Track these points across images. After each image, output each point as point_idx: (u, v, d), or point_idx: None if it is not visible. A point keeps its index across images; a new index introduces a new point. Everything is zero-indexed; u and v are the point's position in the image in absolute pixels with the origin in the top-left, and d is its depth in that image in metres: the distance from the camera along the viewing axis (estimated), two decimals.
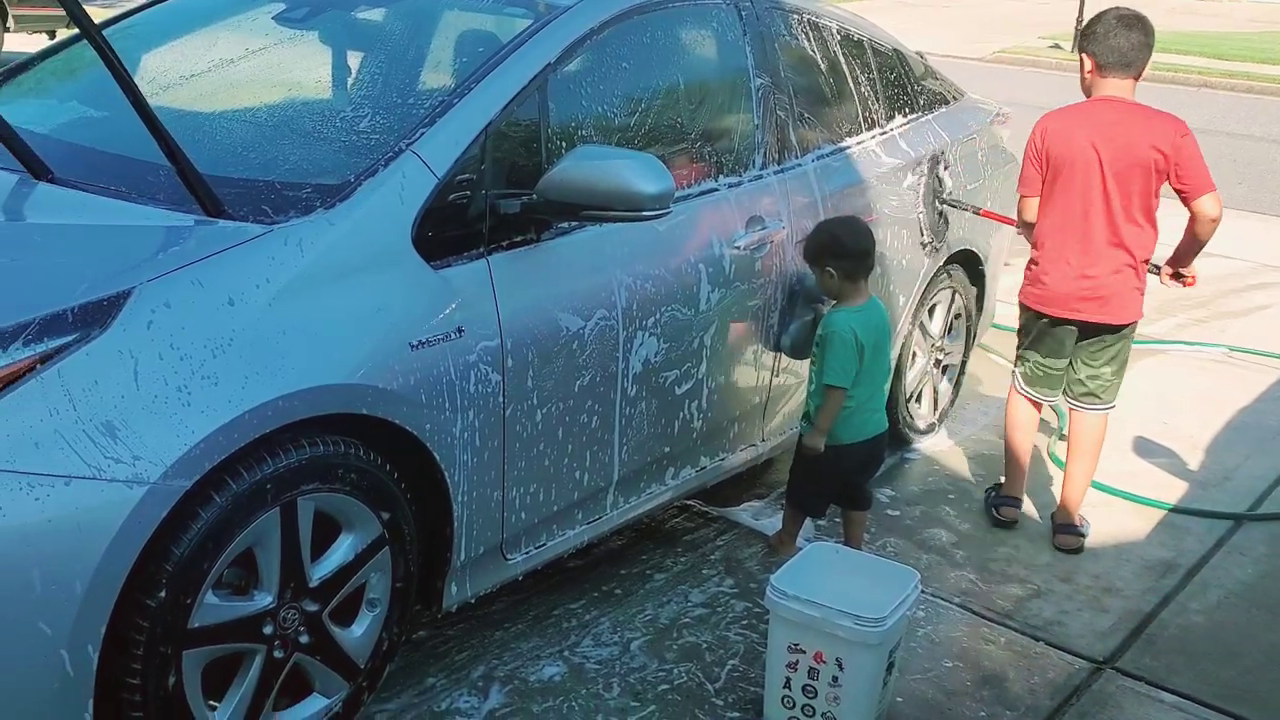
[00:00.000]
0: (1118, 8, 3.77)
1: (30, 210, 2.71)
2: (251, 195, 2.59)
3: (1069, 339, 3.89)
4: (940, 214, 4.40)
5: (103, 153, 2.91)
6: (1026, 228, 3.93)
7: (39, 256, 2.42)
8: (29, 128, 2.82)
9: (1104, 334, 3.83)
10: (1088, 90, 3.79)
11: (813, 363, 3.55)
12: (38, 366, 2.08)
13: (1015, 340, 4.10)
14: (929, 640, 3.38)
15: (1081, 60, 3.79)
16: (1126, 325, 3.83)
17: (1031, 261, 3.90)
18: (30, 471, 2.02)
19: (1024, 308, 3.96)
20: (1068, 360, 3.94)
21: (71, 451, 2.06)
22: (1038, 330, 3.93)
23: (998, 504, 4.13)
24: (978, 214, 4.52)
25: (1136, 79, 3.72)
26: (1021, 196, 3.89)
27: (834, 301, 3.55)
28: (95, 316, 2.17)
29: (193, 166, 2.49)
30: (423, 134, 2.71)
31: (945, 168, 4.45)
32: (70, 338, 2.13)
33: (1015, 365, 4.08)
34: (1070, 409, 4.02)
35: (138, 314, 2.21)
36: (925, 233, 4.32)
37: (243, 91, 3.43)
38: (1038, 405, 4.07)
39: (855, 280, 3.51)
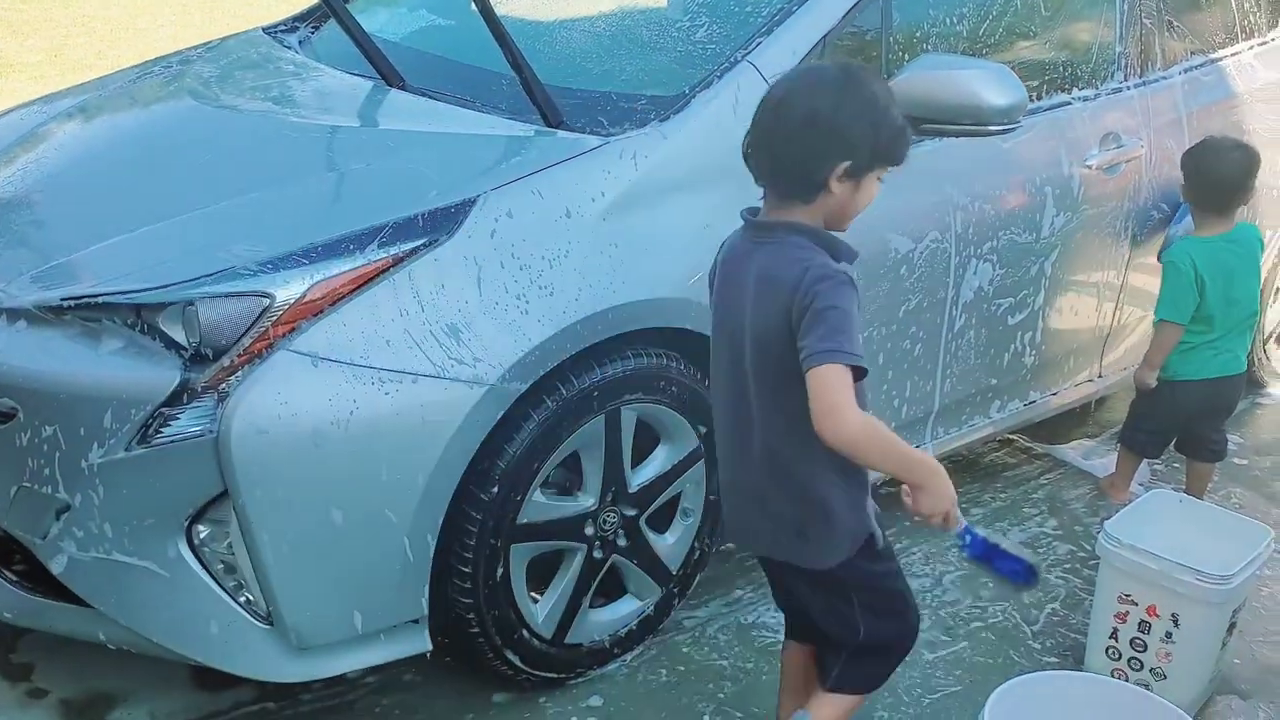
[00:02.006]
0: None
1: (384, 116, 2.85)
2: (588, 106, 2.61)
3: None
4: None
5: (450, 61, 3.02)
6: None
7: (392, 162, 2.54)
8: (383, 35, 2.96)
9: None
10: None
11: None
12: (390, 268, 2.19)
13: None
14: (1275, 601, 3.09)
15: None
16: None
17: None
18: (382, 367, 2.14)
19: None
20: None
21: (419, 351, 2.16)
22: None
23: None
24: None
25: None
26: None
27: None
28: (443, 222, 2.26)
29: (536, 77, 2.53)
30: (760, 43, 2.63)
31: None
32: (420, 242, 2.23)
33: None
34: None
35: (483, 222, 2.28)
36: None
37: (580, 0, 3.46)
38: None
39: (1204, 207, 3.18)
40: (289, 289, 2.15)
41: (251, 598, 2.22)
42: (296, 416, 2.10)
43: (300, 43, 3.36)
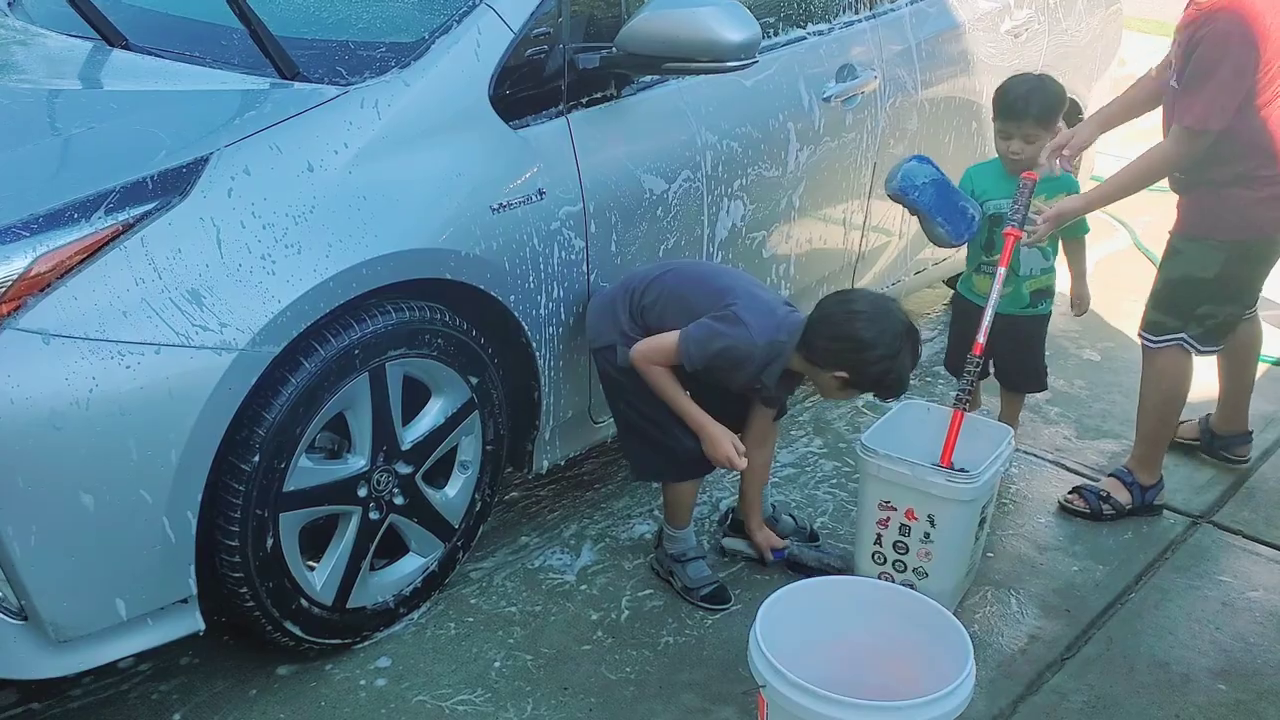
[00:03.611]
0: None
1: (106, 77, 2.69)
2: (325, 56, 2.54)
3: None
4: None
5: (176, 18, 2.87)
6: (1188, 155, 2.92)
7: (116, 124, 2.40)
8: None
9: None
10: None
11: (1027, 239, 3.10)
12: (120, 235, 2.08)
13: (1129, 204, 3.61)
14: (1021, 496, 3.35)
15: None
16: None
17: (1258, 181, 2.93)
18: (120, 340, 2.03)
19: (1244, 245, 3.01)
20: None
21: (159, 320, 2.06)
22: (1258, 260, 3.07)
23: (1156, 494, 3.31)
24: None
25: None
26: (1202, 129, 2.82)
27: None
28: (175, 184, 2.15)
29: (265, 28, 2.43)
30: None
31: None
32: (151, 205, 2.12)
33: (1187, 329, 3.11)
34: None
35: (218, 181, 2.18)
36: None
37: None
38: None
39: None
40: (11, 264, 2.00)
41: (1, 594, 2.09)
42: (31, 399, 1.97)
43: (10, 5, 3.12)
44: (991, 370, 3.37)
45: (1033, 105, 3.10)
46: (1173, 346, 3.13)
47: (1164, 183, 3.10)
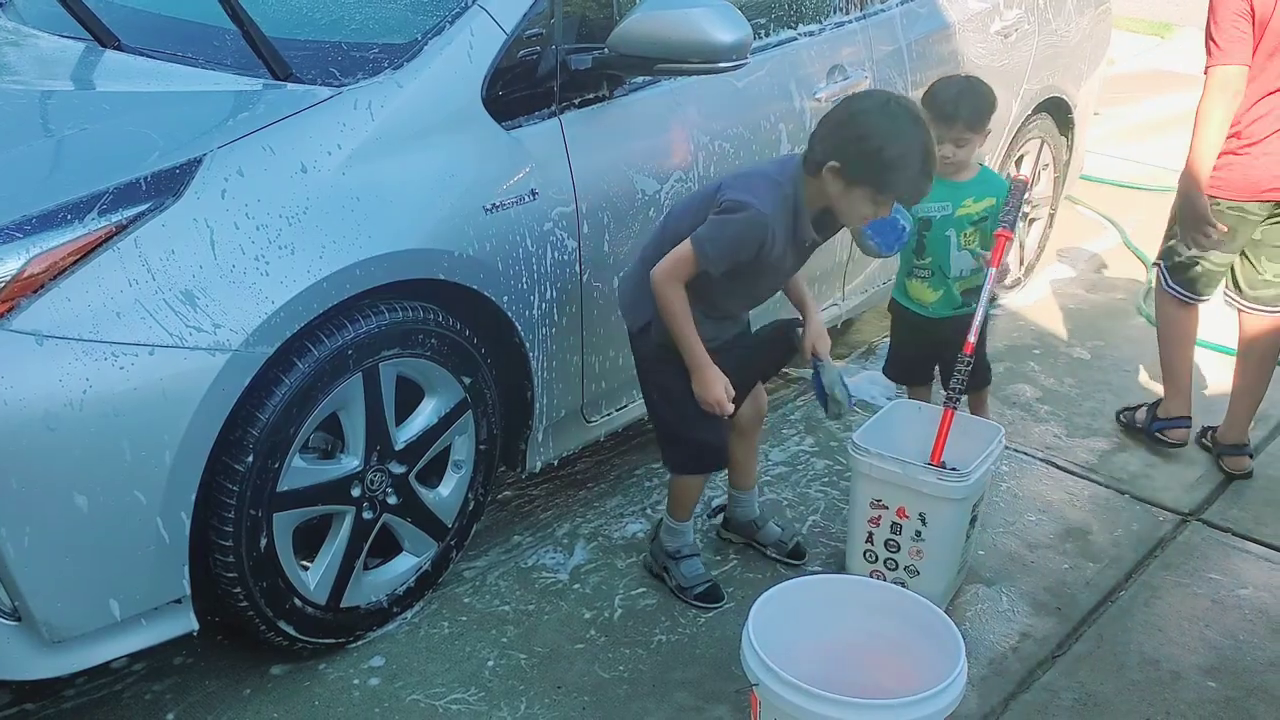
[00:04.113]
0: None
1: (99, 78, 2.69)
2: (318, 57, 2.54)
3: (1254, 227, 3.29)
4: None
5: (168, 18, 2.87)
6: (1221, 108, 3.10)
7: (109, 125, 2.40)
8: None
9: None
10: None
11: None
12: (114, 236, 2.08)
13: (1119, 203, 3.77)
14: (1012, 495, 3.36)
15: None
16: None
17: (1229, 151, 3.17)
18: (114, 341, 2.04)
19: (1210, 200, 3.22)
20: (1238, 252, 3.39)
21: (153, 321, 2.07)
22: (1198, 214, 3.21)
23: (1163, 426, 3.55)
24: None
25: None
26: (1216, 66, 3.07)
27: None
28: (168, 185, 2.16)
29: (258, 29, 2.44)
30: None
31: None
32: (144, 207, 2.12)
33: (1164, 257, 3.43)
34: (1244, 312, 3.45)
35: (211, 182, 2.19)
36: None
37: None
38: (1192, 307, 3.47)
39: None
40: (4, 265, 2.00)
41: None
42: (24, 400, 1.97)
43: (2, 6, 3.12)
44: (937, 376, 3.33)
45: (962, 108, 3.01)
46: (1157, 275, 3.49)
47: (1158, 181, 3.17)
